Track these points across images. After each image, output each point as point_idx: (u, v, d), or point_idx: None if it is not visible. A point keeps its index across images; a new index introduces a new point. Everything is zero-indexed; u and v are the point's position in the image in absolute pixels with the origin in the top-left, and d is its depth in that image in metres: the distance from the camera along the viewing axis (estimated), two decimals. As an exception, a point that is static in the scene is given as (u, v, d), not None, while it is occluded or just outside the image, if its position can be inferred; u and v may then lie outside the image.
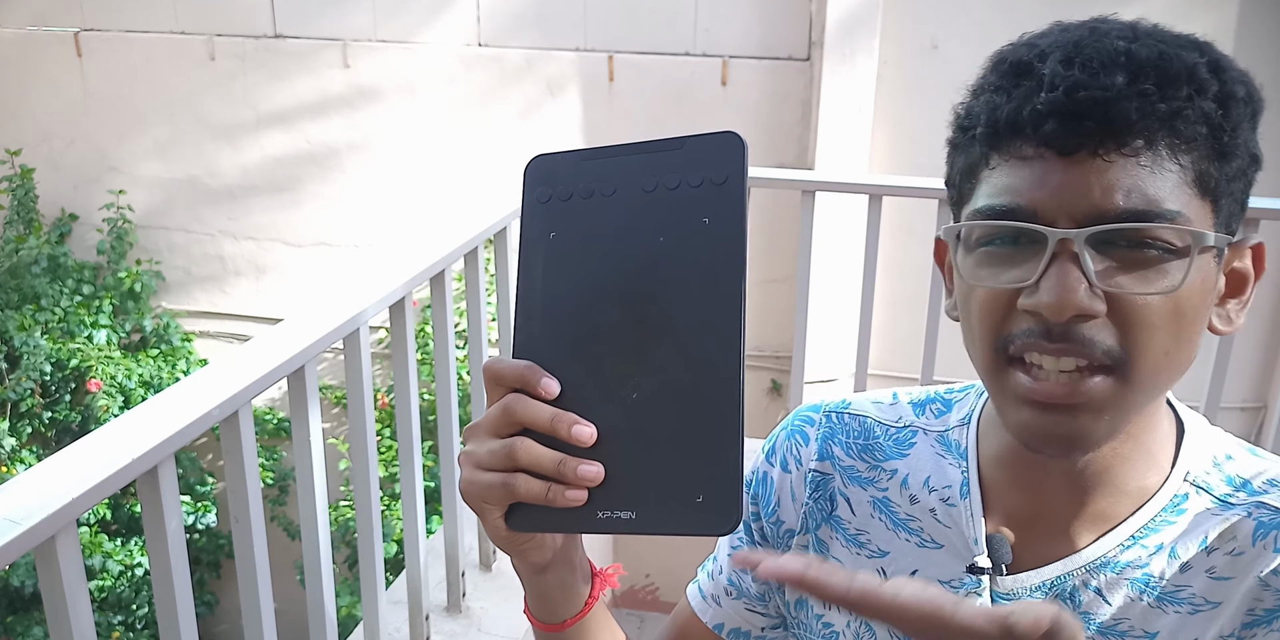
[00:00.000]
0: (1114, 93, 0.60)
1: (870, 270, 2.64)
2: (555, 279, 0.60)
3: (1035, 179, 0.63)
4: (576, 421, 0.56)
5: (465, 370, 4.11)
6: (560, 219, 0.60)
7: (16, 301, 5.05)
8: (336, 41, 4.78)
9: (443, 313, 2.17)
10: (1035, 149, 0.63)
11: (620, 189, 0.58)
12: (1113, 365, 0.63)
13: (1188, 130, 0.61)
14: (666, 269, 0.56)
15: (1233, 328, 0.69)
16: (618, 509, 0.56)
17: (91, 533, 4.63)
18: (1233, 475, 0.72)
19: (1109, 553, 0.71)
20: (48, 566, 1.22)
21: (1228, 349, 2.32)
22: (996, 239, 0.65)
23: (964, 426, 0.80)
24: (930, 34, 4.08)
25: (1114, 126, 0.60)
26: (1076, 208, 0.62)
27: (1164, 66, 0.61)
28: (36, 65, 5.16)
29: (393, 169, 4.90)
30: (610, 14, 4.48)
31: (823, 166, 4.15)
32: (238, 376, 1.54)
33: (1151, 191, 0.61)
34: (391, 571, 3.66)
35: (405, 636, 2.22)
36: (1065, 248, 0.62)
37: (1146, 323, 0.62)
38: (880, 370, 4.03)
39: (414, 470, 2.10)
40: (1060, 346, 0.62)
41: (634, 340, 0.57)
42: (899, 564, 0.79)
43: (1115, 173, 0.61)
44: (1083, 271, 0.61)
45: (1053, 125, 0.61)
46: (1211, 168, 0.63)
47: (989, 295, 0.65)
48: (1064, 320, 0.61)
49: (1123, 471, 0.71)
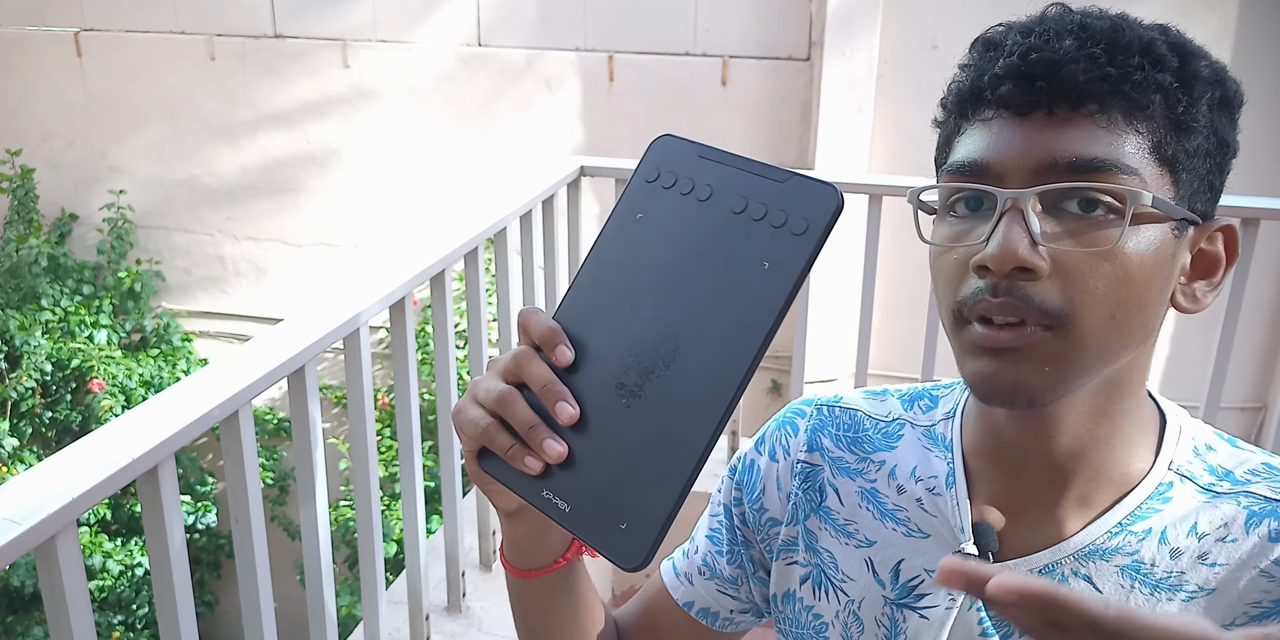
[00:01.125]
0: (1061, 54, 0.64)
1: (870, 270, 2.64)
2: (620, 258, 0.60)
3: (993, 137, 0.67)
4: (565, 399, 0.58)
5: (465, 370, 4.11)
6: (652, 204, 0.60)
7: (17, 301, 5.06)
8: (336, 41, 4.78)
9: (443, 313, 2.17)
10: (995, 111, 0.67)
11: (715, 199, 0.58)
12: (1052, 324, 0.65)
13: (1141, 97, 0.64)
14: (710, 295, 0.56)
15: (1198, 307, 0.71)
16: (560, 496, 0.57)
17: (91, 533, 4.63)
18: (1215, 465, 0.73)
19: (1097, 540, 0.72)
20: (48, 566, 1.22)
21: (1228, 349, 2.32)
22: (960, 201, 0.69)
23: (949, 420, 0.82)
24: (930, 33, 4.08)
25: (1062, 85, 0.64)
26: (1029, 159, 0.65)
27: (1116, 36, 0.65)
28: (36, 65, 5.17)
29: (393, 169, 4.90)
30: (610, 14, 4.49)
31: (823, 166, 4.15)
32: (238, 376, 1.54)
33: (1105, 147, 0.64)
34: (391, 571, 3.66)
35: (405, 636, 2.22)
36: (1014, 206, 0.65)
37: (1087, 283, 0.64)
38: (880, 370, 4.03)
39: (414, 470, 2.10)
40: (1003, 301, 0.65)
41: (653, 349, 0.57)
42: (886, 553, 0.80)
43: (1068, 131, 0.64)
44: (1028, 229, 0.64)
45: (1007, 87, 0.65)
46: (1169, 137, 0.65)
47: (949, 260, 0.69)
48: (1006, 272, 0.64)
49: (1101, 455, 0.72)
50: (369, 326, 1.87)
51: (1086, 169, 0.64)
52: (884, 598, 0.80)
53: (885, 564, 0.80)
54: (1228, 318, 2.30)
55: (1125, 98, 0.64)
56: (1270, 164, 3.73)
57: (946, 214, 0.70)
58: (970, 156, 0.67)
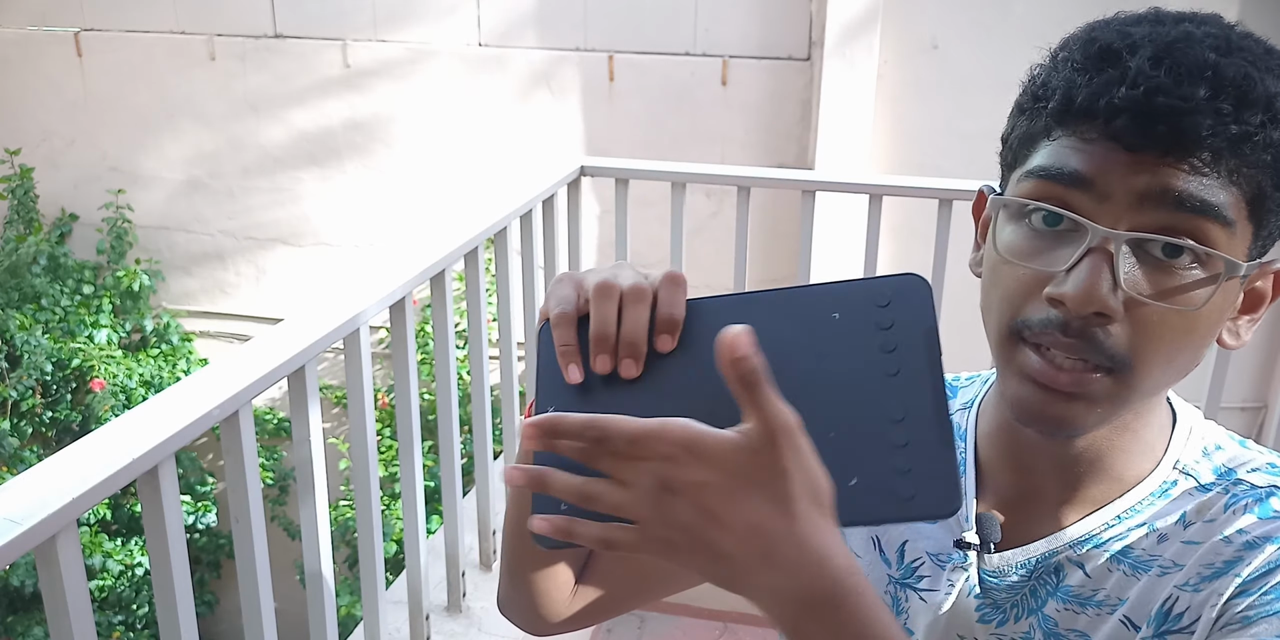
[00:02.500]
0: (1192, 105, 0.61)
1: (870, 270, 2.64)
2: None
3: (1098, 157, 0.63)
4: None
5: (465, 370, 4.11)
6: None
7: (17, 301, 5.05)
8: (336, 41, 4.78)
9: (443, 313, 2.17)
10: (1101, 136, 0.63)
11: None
12: (1114, 368, 0.64)
13: (1254, 155, 0.62)
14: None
15: (1240, 343, 0.71)
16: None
17: (91, 533, 4.63)
18: (1219, 464, 0.74)
19: (1093, 531, 0.73)
20: (48, 566, 1.22)
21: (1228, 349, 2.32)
22: (1040, 214, 0.66)
23: (966, 410, 0.82)
24: (930, 34, 4.08)
25: (1184, 137, 0.61)
26: (1137, 184, 0.62)
27: (1246, 89, 0.62)
28: (36, 65, 5.16)
29: (393, 169, 4.90)
30: (610, 14, 4.48)
31: (823, 166, 4.15)
32: (238, 376, 1.54)
33: (1210, 194, 0.62)
34: (391, 571, 3.66)
35: (405, 636, 2.22)
36: (1103, 245, 0.63)
37: (1158, 334, 0.64)
38: (880, 370, 4.03)
39: (414, 470, 2.10)
40: (1072, 342, 0.63)
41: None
42: (891, 533, 0.82)
43: (1176, 175, 0.62)
44: (1113, 272, 0.62)
45: (1125, 121, 0.62)
46: (1269, 194, 0.64)
47: (1015, 274, 0.66)
48: (1083, 315, 0.62)
49: (1117, 461, 0.73)
50: (369, 326, 1.87)
51: (1191, 210, 0.62)
52: (889, 576, 0.81)
53: (891, 544, 0.82)
54: (1228, 318, 2.30)
55: (1239, 154, 0.62)
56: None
57: (1022, 219, 0.67)
58: (1070, 166, 0.64)
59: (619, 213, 2.73)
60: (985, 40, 3.92)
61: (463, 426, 4.05)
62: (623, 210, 2.73)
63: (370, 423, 1.91)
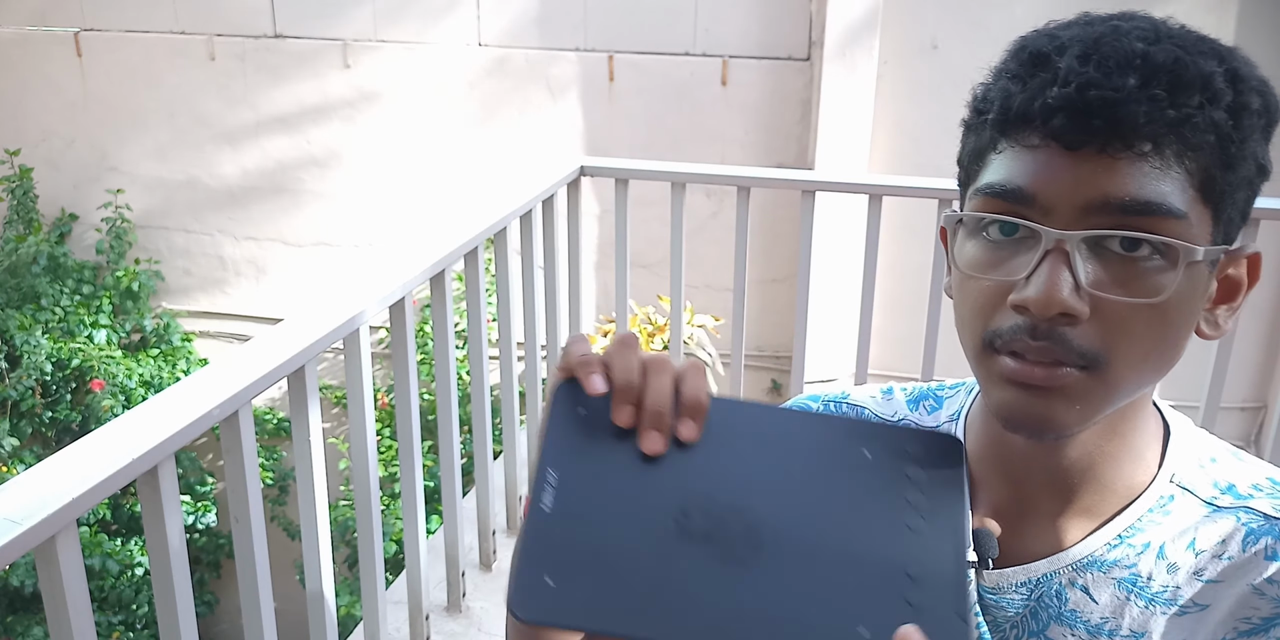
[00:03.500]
0: (1124, 94, 0.61)
1: (870, 270, 2.64)
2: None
3: (1040, 166, 0.63)
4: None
5: (465, 370, 4.11)
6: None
7: (17, 301, 5.05)
8: (337, 42, 4.78)
9: (443, 313, 2.17)
10: (1042, 140, 0.63)
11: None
12: (1088, 365, 0.64)
13: (1195, 137, 0.62)
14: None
15: (1219, 333, 0.70)
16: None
17: (91, 533, 4.63)
18: (1218, 478, 0.72)
19: (1095, 551, 0.72)
20: (48, 566, 1.22)
21: (1228, 349, 2.32)
22: (993, 224, 0.66)
23: (953, 422, 0.81)
24: (930, 34, 4.08)
25: (1121, 127, 0.61)
26: (1078, 196, 0.62)
27: (1179, 72, 0.61)
28: (36, 65, 5.16)
29: (393, 169, 4.90)
30: (610, 14, 4.48)
31: (823, 166, 4.15)
32: (238, 376, 1.54)
33: (1155, 189, 0.62)
34: (391, 571, 3.66)
35: (405, 636, 2.22)
36: (1059, 247, 0.62)
37: (1129, 329, 0.63)
38: (880, 370, 4.03)
39: (414, 470, 2.10)
40: (1041, 345, 0.63)
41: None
42: None
43: (1120, 169, 0.62)
44: (1072, 272, 0.62)
45: (1061, 120, 0.62)
46: (1217, 175, 0.63)
47: (980, 287, 0.67)
48: (1048, 317, 0.62)
49: (1108, 469, 0.72)
50: (369, 326, 1.87)
51: (1138, 212, 0.62)
52: None
53: None
54: (1228, 318, 2.29)
55: (1181, 138, 0.62)
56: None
57: (980, 233, 0.67)
58: (1013, 182, 0.64)
59: (619, 213, 2.73)
60: (985, 40, 3.92)
61: (463, 426, 4.06)
62: (623, 210, 2.73)
63: (370, 423, 1.91)
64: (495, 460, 2.62)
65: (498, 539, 2.56)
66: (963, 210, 0.70)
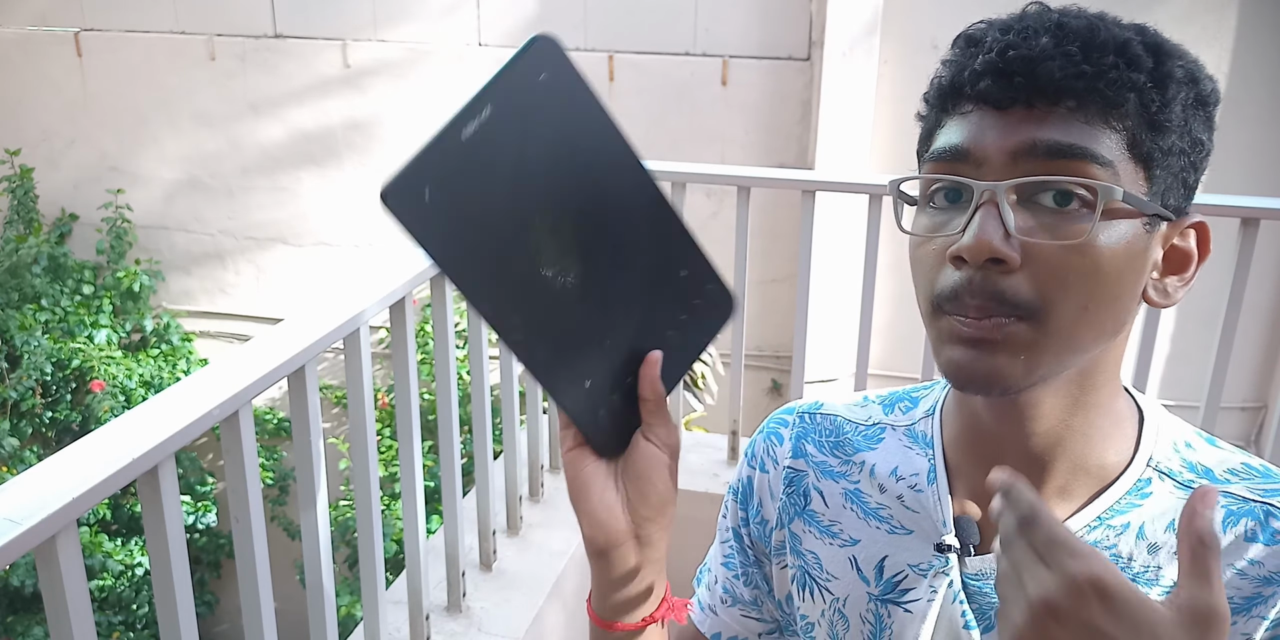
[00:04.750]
0: (1038, 52, 0.65)
1: (870, 270, 2.64)
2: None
3: (972, 126, 0.68)
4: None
5: (465, 370, 4.11)
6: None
7: (17, 301, 5.06)
8: (336, 41, 4.78)
9: (443, 313, 2.17)
10: (975, 105, 0.68)
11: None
12: (1025, 315, 0.66)
13: (1115, 95, 0.65)
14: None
15: (1169, 302, 0.72)
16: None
17: (91, 533, 4.63)
18: (1194, 462, 0.74)
19: (1076, 533, 0.72)
20: (48, 566, 1.22)
21: (1228, 349, 2.32)
22: (939, 192, 0.70)
23: (929, 417, 0.83)
24: (930, 34, 4.08)
25: (1040, 82, 0.65)
26: (1008, 143, 0.66)
27: (1091, 35, 0.66)
28: (36, 65, 5.17)
29: (392, 169, 4.89)
30: (610, 14, 4.49)
31: (823, 166, 4.15)
32: (238, 376, 1.54)
33: (1078, 136, 0.65)
34: (391, 571, 3.66)
35: (405, 636, 2.22)
36: (990, 199, 0.66)
37: (1061, 277, 0.65)
38: (880, 370, 4.03)
39: (414, 470, 2.10)
40: (979, 303, 0.66)
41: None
42: (870, 551, 0.82)
43: (1047, 120, 0.66)
44: (1002, 221, 0.65)
45: (986, 82, 0.67)
46: (1144, 135, 0.66)
47: (926, 250, 0.70)
48: (980, 263, 0.65)
49: (1078, 446, 0.73)
50: (369, 326, 1.87)
51: (1063, 155, 0.65)
52: (868, 594, 0.81)
53: (869, 561, 0.81)
54: (1228, 318, 2.29)
55: (1100, 95, 0.65)
56: (1270, 164, 3.72)
57: (926, 204, 0.71)
58: (950, 143, 0.68)
59: (619, 213, 2.73)
60: (985, 40, 3.91)
61: (463, 426, 4.06)
62: (623, 210, 2.73)
63: (370, 423, 1.91)
64: (495, 460, 2.62)
65: (498, 539, 2.56)
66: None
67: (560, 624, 2.61)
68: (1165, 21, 0.70)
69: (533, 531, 2.69)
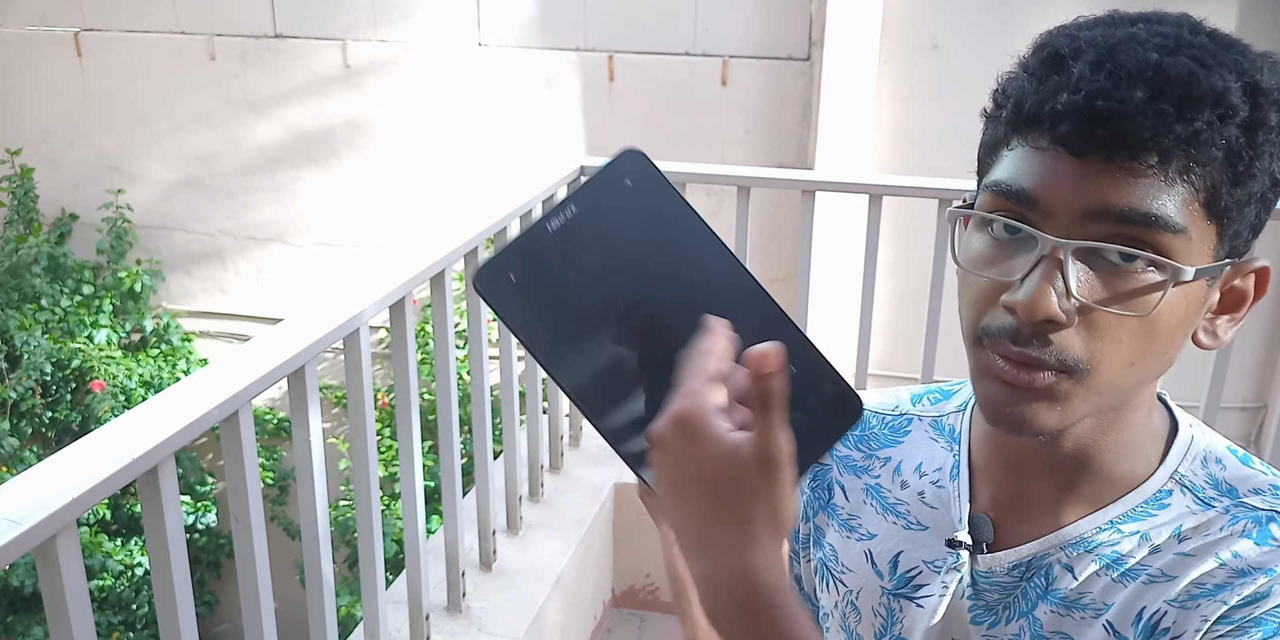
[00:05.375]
0: (1131, 106, 0.60)
1: (870, 270, 2.64)
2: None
3: (1045, 168, 0.64)
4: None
5: (465, 370, 4.11)
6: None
7: (17, 301, 5.05)
8: (336, 41, 4.78)
9: (443, 313, 2.17)
10: (1050, 143, 0.64)
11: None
12: (1069, 371, 0.64)
13: (1203, 154, 0.61)
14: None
15: (1218, 343, 0.70)
16: None
17: (91, 533, 4.63)
18: (1220, 479, 0.73)
19: (1085, 534, 0.73)
20: (48, 566, 1.22)
21: (1228, 349, 2.32)
22: (997, 222, 0.67)
23: (960, 412, 0.83)
24: (930, 34, 4.08)
25: (1126, 139, 0.61)
26: (1078, 203, 0.63)
27: (1190, 87, 0.61)
28: (36, 65, 5.16)
29: (393, 169, 4.89)
30: (610, 14, 4.48)
31: (823, 166, 4.15)
32: (238, 376, 1.54)
33: (1155, 202, 0.62)
34: (391, 571, 3.66)
35: (405, 636, 2.22)
36: (1054, 254, 0.63)
37: (1115, 338, 0.64)
38: (880, 370, 4.03)
39: (414, 470, 2.10)
40: (1022, 351, 0.64)
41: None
42: (885, 545, 0.82)
43: (1123, 179, 0.62)
44: (1065, 279, 0.63)
45: (1068, 127, 0.62)
46: (1223, 191, 0.63)
47: (978, 281, 0.68)
48: (1034, 322, 0.63)
49: (1106, 461, 0.73)
50: (369, 326, 1.87)
51: (1136, 222, 0.62)
52: (881, 588, 0.82)
53: (884, 556, 0.82)
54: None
55: (1187, 154, 0.61)
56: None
57: (986, 227, 0.68)
58: (1018, 183, 0.65)
59: (619, 213, 2.73)
60: (985, 40, 3.92)
61: (463, 426, 4.05)
62: (623, 210, 2.73)
63: (370, 423, 1.91)
64: (495, 460, 2.62)
65: (498, 539, 2.56)
66: (976, 198, 0.71)
67: (560, 624, 2.61)
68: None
69: (533, 531, 2.69)
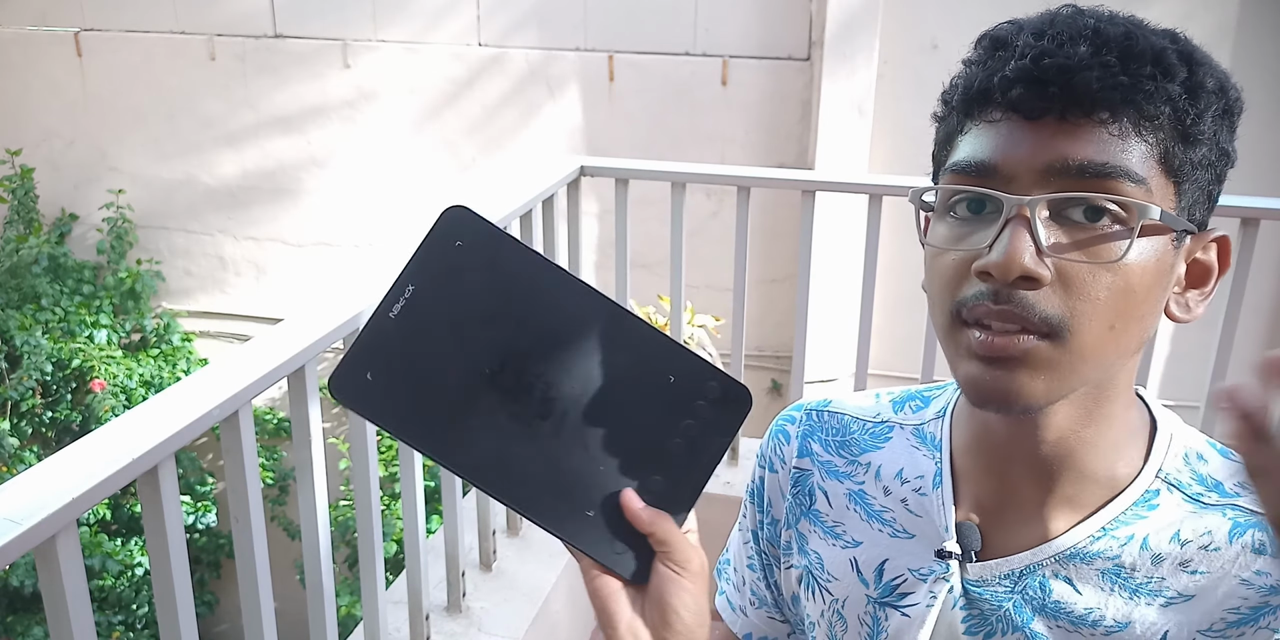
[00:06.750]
0: (1075, 61, 0.63)
1: (870, 270, 2.64)
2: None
3: (1001, 138, 0.65)
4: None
5: (465, 370, 4.11)
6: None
7: (17, 301, 5.06)
8: (336, 41, 4.78)
9: (443, 313, 2.16)
10: (1004, 113, 0.65)
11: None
12: (1050, 333, 0.64)
13: (1151, 108, 0.63)
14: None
15: (1190, 316, 0.71)
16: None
17: (91, 533, 4.63)
18: (1205, 475, 0.73)
19: (1079, 543, 0.72)
20: (48, 566, 1.22)
21: (1228, 349, 2.32)
22: (961, 202, 0.68)
23: (940, 419, 0.82)
24: (930, 34, 4.08)
25: (1075, 93, 0.63)
26: (1038, 160, 0.64)
27: (1129, 44, 0.64)
28: (36, 65, 5.16)
29: (393, 169, 4.90)
30: (610, 14, 4.48)
31: (823, 166, 4.15)
32: (238, 376, 1.54)
33: (1112, 153, 0.63)
34: (391, 571, 3.66)
35: (405, 636, 2.22)
36: (1020, 213, 0.64)
37: (1091, 294, 0.64)
38: (880, 370, 4.03)
39: (414, 470, 2.10)
40: (1003, 309, 0.64)
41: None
42: (871, 553, 0.81)
43: (1079, 134, 0.63)
44: (1033, 237, 0.63)
45: (1019, 90, 0.64)
46: (1176, 148, 0.65)
47: (947, 261, 0.68)
48: (1009, 281, 0.63)
49: (1087, 457, 0.72)
50: (369, 326, 1.87)
51: (1096, 174, 0.63)
52: (867, 596, 0.81)
53: (870, 564, 0.81)
54: (1228, 318, 2.30)
55: (1136, 107, 0.63)
56: (1270, 164, 3.72)
57: (947, 214, 0.69)
58: (977, 156, 0.66)
59: (619, 213, 2.73)
60: (985, 40, 3.91)
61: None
62: (623, 210, 2.73)
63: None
64: (495, 460, 2.62)
65: (498, 539, 2.56)
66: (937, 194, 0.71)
67: (560, 624, 2.61)
68: (1165, 21, 0.69)
69: (533, 531, 2.69)
